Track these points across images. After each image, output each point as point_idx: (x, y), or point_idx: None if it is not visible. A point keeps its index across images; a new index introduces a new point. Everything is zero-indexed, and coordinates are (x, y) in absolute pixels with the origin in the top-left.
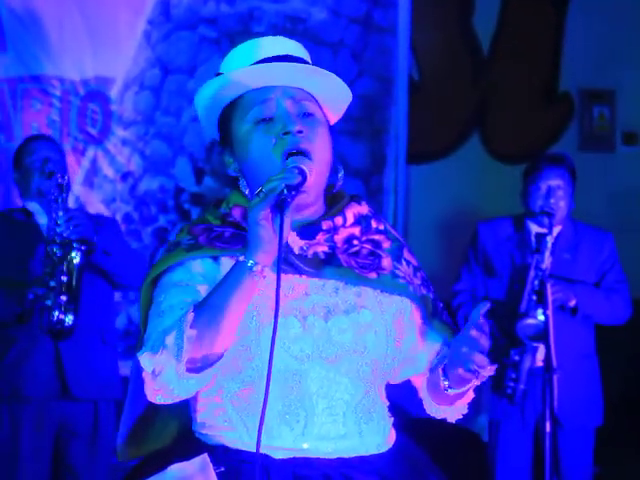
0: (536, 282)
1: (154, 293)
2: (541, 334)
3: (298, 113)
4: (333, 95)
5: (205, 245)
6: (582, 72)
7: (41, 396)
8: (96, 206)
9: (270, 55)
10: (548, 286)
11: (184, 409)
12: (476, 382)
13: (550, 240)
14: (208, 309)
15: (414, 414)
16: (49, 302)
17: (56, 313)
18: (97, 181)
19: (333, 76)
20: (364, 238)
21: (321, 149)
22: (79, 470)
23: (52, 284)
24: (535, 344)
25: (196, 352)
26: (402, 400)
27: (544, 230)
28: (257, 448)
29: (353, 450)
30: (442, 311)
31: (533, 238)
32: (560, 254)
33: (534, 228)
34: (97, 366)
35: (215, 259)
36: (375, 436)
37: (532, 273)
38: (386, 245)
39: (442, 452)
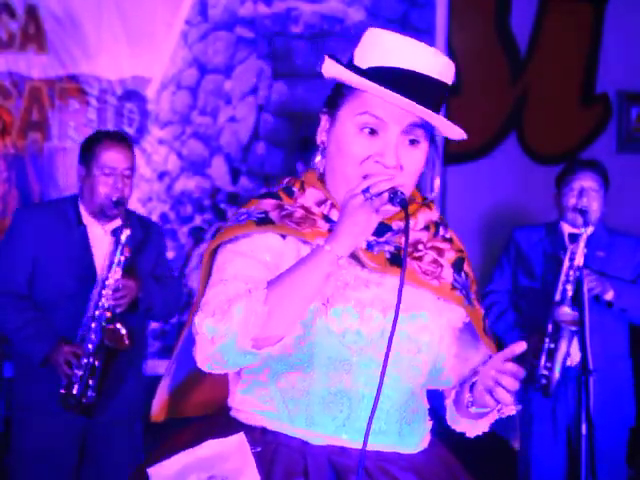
0: (571, 272)
1: (217, 260)
2: (577, 322)
3: (407, 140)
4: (447, 132)
5: (277, 222)
6: (620, 73)
7: (61, 412)
8: (133, 205)
9: (417, 69)
10: (585, 274)
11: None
12: (495, 415)
13: (585, 233)
14: (283, 289)
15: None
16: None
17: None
18: (134, 180)
19: (456, 128)
20: (429, 245)
21: (411, 177)
22: (104, 455)
23: (84, 361)
24: (573, 328)
25: (264, 330)
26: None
27: (577, 230)
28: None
29: (390, 446)
30: (489, 327)
31: (566, 238)
32: (594, 252)
33: (567, 229)
34: (122, 388)
35: (283, 237)
36: (414, 437)
37: (566, 263)
38: (450, 255)
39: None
